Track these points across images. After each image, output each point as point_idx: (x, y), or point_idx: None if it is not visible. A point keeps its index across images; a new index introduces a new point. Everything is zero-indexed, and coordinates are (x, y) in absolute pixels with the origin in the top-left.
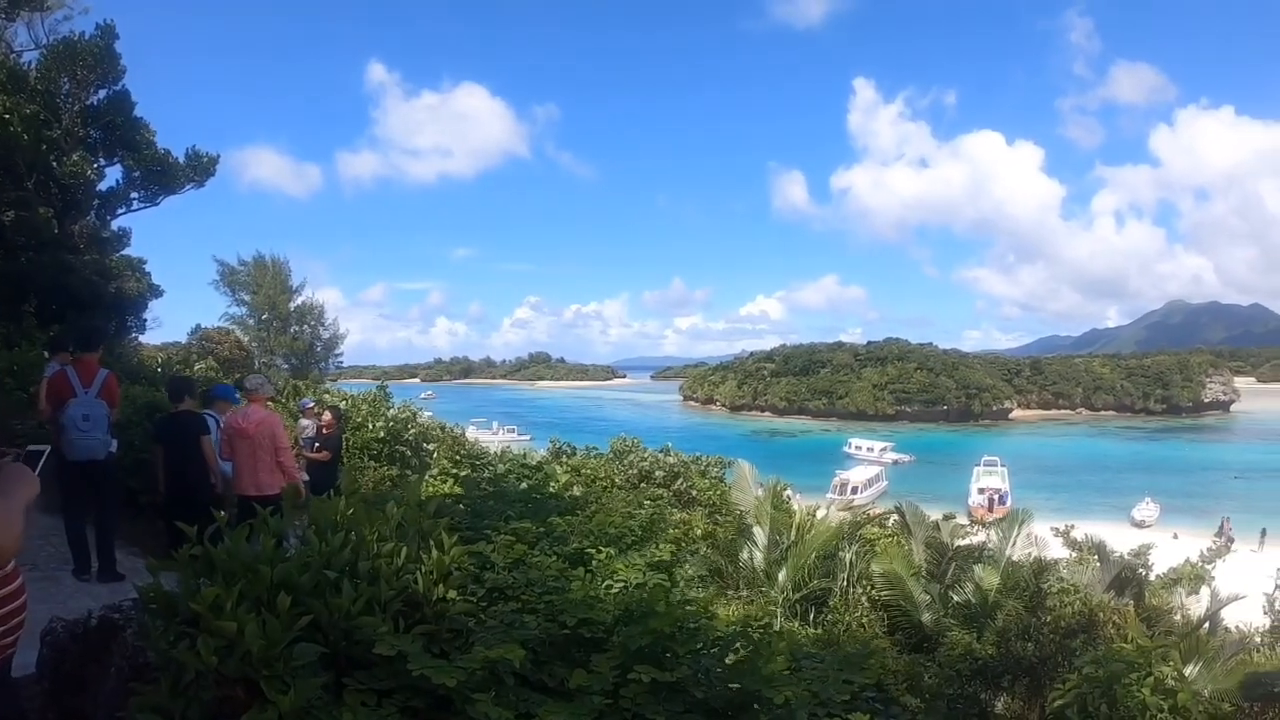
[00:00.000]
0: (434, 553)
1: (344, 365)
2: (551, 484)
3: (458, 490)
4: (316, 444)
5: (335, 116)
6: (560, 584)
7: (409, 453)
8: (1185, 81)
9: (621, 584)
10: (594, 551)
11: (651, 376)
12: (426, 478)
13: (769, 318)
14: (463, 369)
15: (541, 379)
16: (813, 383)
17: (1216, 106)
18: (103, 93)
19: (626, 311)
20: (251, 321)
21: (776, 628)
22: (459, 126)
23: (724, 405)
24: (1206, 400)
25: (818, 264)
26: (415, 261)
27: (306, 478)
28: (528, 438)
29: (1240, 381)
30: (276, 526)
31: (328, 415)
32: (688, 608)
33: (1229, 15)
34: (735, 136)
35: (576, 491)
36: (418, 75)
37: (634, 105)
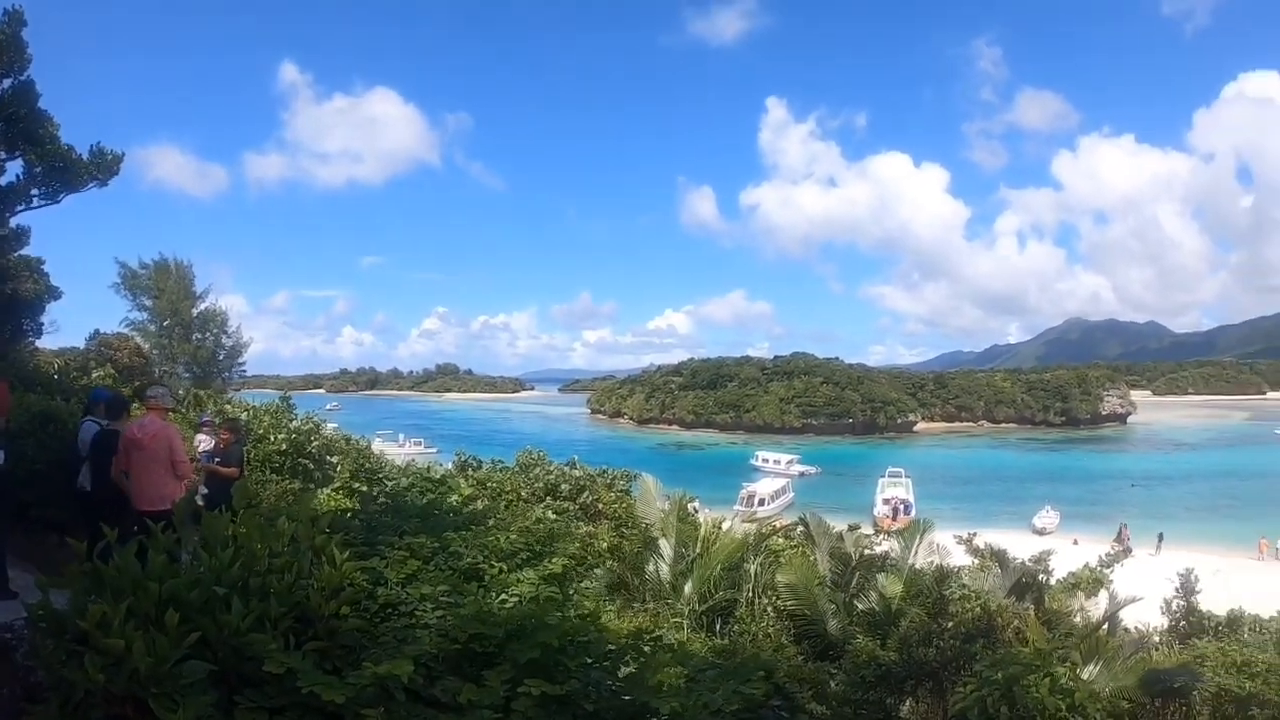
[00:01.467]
0: (326, 568)
1: (247, 375)
2: (453, 497)
3: (355, 505)
4: (217, 459)
5: (243, 117)
6: (453, 599)
7: (312, 466)
8: (1088, 110)
9: (515, 599)
10: (488, 566)
11: (559, 389)
12: (325, 492)
13: (677, 332)
14: (369, 380)
15: (449, 391)
16: (720, 396)
17: (1118, 134)
18: (7, 82)
19: (535, 324)
20: (153, 327)
21: (682, 639)
22: (370, 131)
23: (631, 418)
24: (1104, 413)
25: (725, 279)
26: (322, 269)
27: (205, 490)
28: (434, 450)
29: (1136, 395)
30: (167, 542)
31: (225, 434)
32: (579, 620)
33: (1133, 49)
34: (646, 151)
35: (480, 505)
36: (330, 77)
37: (546, 116)
